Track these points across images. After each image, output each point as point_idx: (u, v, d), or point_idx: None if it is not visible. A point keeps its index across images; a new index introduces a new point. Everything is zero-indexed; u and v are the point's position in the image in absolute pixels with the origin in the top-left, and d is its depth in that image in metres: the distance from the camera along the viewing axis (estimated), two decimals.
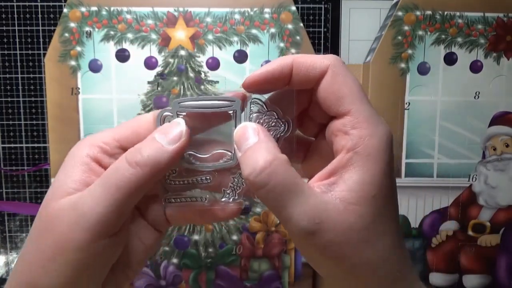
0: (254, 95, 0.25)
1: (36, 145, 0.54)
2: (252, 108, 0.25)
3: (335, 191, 0.23)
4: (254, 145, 0.23)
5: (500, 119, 0.51)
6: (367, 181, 0.22)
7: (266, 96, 0.26)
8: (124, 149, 0.25)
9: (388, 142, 0.23)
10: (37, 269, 0.23)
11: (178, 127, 0.24)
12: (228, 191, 0.26)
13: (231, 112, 0.25)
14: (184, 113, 0.25)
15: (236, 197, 0.26)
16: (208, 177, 0.26)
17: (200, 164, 0.26)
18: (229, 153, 0.25)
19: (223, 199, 0.26)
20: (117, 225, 0.23)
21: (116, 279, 0.26)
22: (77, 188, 0.24)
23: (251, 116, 0.25)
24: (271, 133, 0.25)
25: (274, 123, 0.25)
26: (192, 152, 0.25)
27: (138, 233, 0.27)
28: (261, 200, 0.23)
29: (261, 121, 0.25)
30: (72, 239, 0.22)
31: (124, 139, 0.25)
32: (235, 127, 0.25)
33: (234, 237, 0.51)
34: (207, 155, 0.25)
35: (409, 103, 0.50)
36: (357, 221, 0.22)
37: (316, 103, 0.25)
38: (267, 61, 0.49)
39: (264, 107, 0.25)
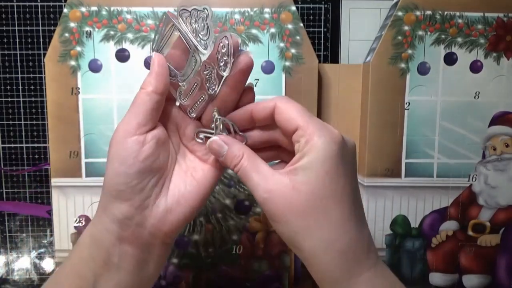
0: (181, 6, 0.32)
1: (36, 145, 0.54)
2: (184, 17, 0.32)
3: (288, 176, 0.31)
4: (228, 150, 0.33)
5: (500, 119, 0.51)
6: (308, 169, 0.30)
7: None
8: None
9: (329, 146, 0.30)
10: (106, 168, 0.33)
11: (152, 58, 0.33)
12: (208, 84, 0.33)
13: (176, 32, 0.32)
14: (159, 51, 0.33)
15: (215, 82, 0.33)
16: (196, 82, 0.34)
17: (186, 77, 0.34)
18: (193, 57, 0.33)
19: (210, 90, 0.33)
20: (138, 128, 0.32)
21: (166, 210, 0.34)
22: None
23: (186, 20, 0.32)
24: (201, 23, 0.32)
25: (200, 15, 0.32)
26: (178, 73, 0.34)
27: (190, 170, 0.35)
28: (240, 179, 0.33)
29: (192, 18, 0.32)
30: (113, 139, 0.32)
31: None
32: (184, 38, 0.32)
33: (234, 237, 0.51)
34: (185, 69, 0.33)
35: (409, 103, 0.50)
36: (299, 196, 0.30)
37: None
38: (267, 61, 0.49)
39: (186, 8, 0.32)
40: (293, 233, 0.31)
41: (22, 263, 0.55)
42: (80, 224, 0.51)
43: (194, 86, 0.34)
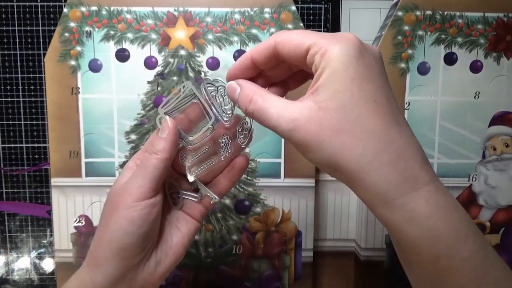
0: (205, 80, 0.35)
1: (36, 145, 0.54)
2: (208, 89, 0.35)
3: (310, 98, 0.28)
4: (240, 91, 0.32)
5: (500, 119, 0.51)
6: (333, 83, 0.27)
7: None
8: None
9: (345, 51, 0.27)
10: (102, 226, 0.34)
11: (165, 122, 0.34)
12: (222, 151, 0.37)
13: (195, 101, 0.35)
14: (169, 114, 0.35)
15: (230, 150, 0.37)
16: (207, 148, 0.36)
17: (196, 142, 0.36)
18: (210, 127, 0.35)
19: (222, 157, 0.37)
20: (150, 192, 0.33)
21: (156, 263, 0.35)
22: None
23: (211, 94, 0.35)
24: (227, 98, 0.35)
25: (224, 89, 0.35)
26: (190, 137, 0.36)
27: (174, 222, 0.36)
28: (259, 123, 0.30)
29: (218, 93, 0.35)
30: (122, 201, 0.33)
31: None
32: (202, 107, 0.35)
33: (234, 237, 0.51)
34: (199, 134, 0.35)
35: (409, 103, 0.50)
36: (327, 114, 0.27)
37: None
38: None
39: (212, 83, 0.35)
40: (330, 155, 0.27)
41: (22, 263, 0.55)
42: (80, 224, 0.51)
43: (203, 151, 0.37)
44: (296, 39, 0.29)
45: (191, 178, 0.37)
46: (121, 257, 0.33)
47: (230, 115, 0.35)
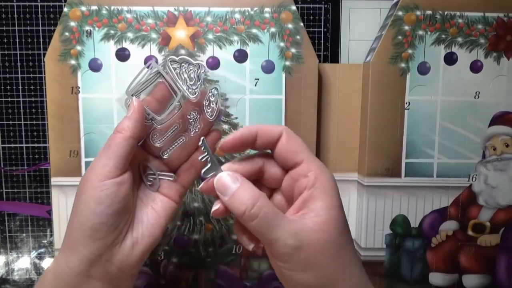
0: (169, 58, 0.36)
1: (36, 145, 0.54)
2: (172, 68, 0.35)
3: (307, 218, 0.30)
4: (238, 188, 0.31)
5: (500, 119, 0.51)
6: (328, 206, 0.30)
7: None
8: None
9: (334, 180, 0.32)
10: (73, 209, 0.34)
11: (132, 103, 0.35)
12: (191, 127, 0.37)
13: (161, 80, 0.36)
14: (136, 95, 0.36)
15: (199, 126, 0.37)
16: (176, 125, 0.37)
17: (165, 120, 0.36)
18: (177, 103, 0.36)
19: (192, 133, 0.37)
20: (115, 171, 0.33)
21: (133, 244, 0.35)
22: None
23: (175, 71, 0.35)
24: (191, 74, 0.36)
25: (191, 68, 0.36)
26: (158, 117, 0.36)
27: (150, 203, 0.37)
28: (252, 230, 0.30)
29: (182, 69, 0.36)
30: (88, 182, 0.33)
31: None
32: (168, 85, 0.36)
33: (234, 237, 0.51)
34: (167, 112, 0.36)
35: (409, 103, 0.50)
36: (328, 236, 0.29)
37: (273, 165, 0.34)
38: (267, 61, 0.49)
39: (176, 60, 0.36)
40: (325, 278, 0.30)
41: (22, 263, 0.55)
42: None
43: (172, 129, 0.37)
44: (298, 145, 0.32)
45: (165, 157, 0.37)
46: (94, 238, 0.33)
47: (196, 90, 0.36)
